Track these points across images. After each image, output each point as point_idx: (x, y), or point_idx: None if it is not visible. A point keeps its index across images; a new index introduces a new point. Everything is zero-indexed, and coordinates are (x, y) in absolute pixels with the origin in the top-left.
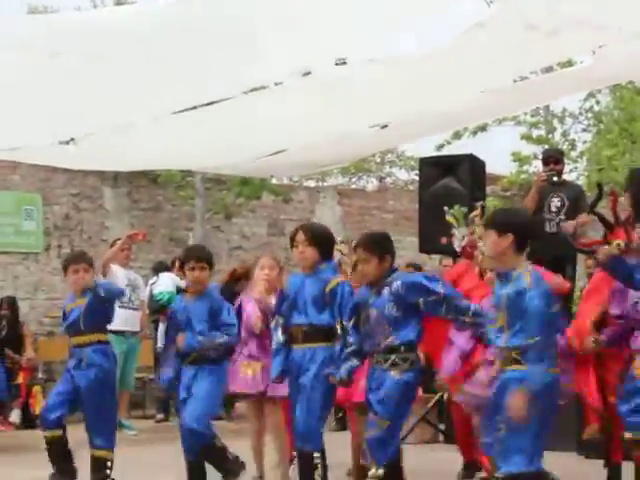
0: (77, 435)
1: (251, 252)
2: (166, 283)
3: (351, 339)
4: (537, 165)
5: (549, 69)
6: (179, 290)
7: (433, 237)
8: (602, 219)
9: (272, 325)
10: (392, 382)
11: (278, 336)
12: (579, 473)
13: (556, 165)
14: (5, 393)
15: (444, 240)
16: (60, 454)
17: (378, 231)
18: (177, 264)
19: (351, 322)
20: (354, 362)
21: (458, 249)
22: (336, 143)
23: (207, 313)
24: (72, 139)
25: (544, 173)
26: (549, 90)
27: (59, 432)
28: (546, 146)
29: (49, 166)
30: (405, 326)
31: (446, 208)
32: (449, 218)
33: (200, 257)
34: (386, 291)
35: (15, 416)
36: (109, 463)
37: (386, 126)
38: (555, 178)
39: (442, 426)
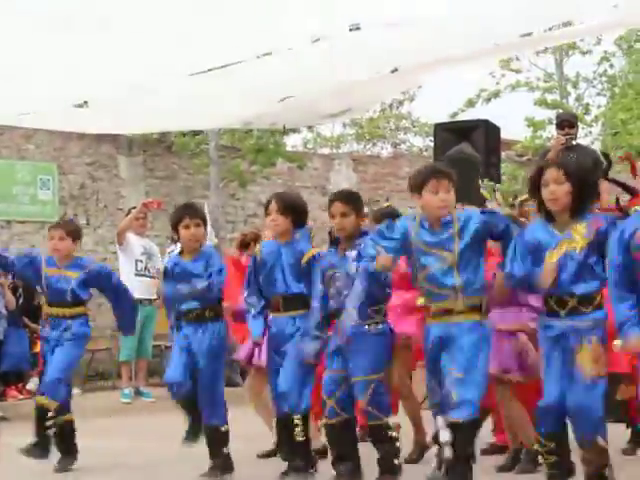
0: None
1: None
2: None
3: (316, 304)
4: (551, 130)
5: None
6: None
7: None
8: (623, 185)
9: (245, 292)
10: (373, 338)
11: (254, 301)
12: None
13: (571, 129)
14: (28, 362)
15: (459, 206)
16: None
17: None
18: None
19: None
20: (319, 341)
21: None
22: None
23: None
24: (85, 102)
25: (563, 137)
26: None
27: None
28: (560, 110)
29: (64, 135)
30: (375, 285)
31: (481, 182)
32: (483, 192)
33: (194, 214)
34: (353, 253)
35: (33, 384)
36: (50, 413)
37: (396, 70)
38: (574, 142)
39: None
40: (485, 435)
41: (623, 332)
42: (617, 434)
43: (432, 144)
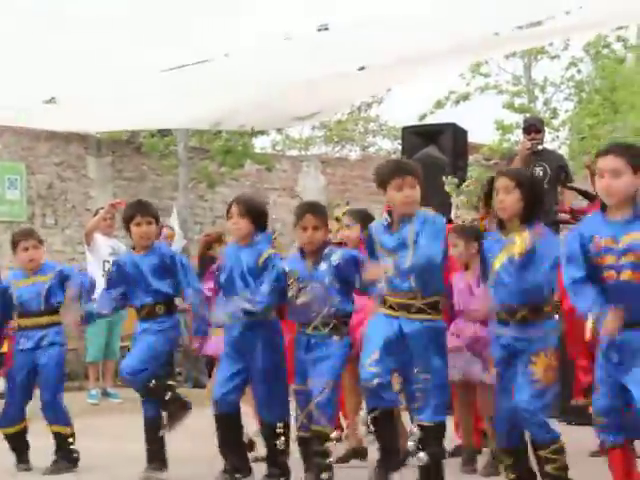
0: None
1: None
2: None
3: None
4: (519, 134)
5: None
6: None
7: None
8: (582, 192)
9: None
10: (336, 345)
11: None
12: (570, 440)
13: (537, 134)
14: None
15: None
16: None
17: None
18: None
19: (269, 287)
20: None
21: (453, 217)
22: (314, 92)
23: (157, 268)
24: (53, 98)
25: (529, 142)
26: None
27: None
28: (528, 115)
29: (32, 135)
30: (342, 297)
31: (444, 179)
32: (447, 188)
33: (145, 211)
34: (325, 264)
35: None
36: (70, 439)
37: (363, 68)
38: (540, 147)
39: None
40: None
41: (595, 316)
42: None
43: (400, 147)
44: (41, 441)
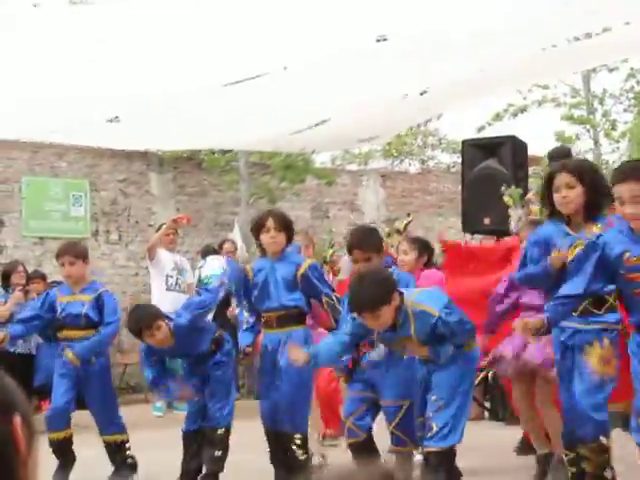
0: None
1: (296, 233)
2: (213, 266)
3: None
4: (579, 145)
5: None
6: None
7: (476, 218)
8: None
9: (237, 308)
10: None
11: (246, 317)
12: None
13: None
14: None
15: (487, 221)
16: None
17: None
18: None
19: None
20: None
21: (514, 229)
22: (375, 114)
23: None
24: (117, 117)
25: None
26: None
27: (69, 431)
28: (588, 126)
29: (95, 152)
30: None
31: (503, 188)
32: (506, 199)
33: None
34: None
35: None
36: (126, 445)
37: (425, 92)
38: None
39: (487, 403)
40: None
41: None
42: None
43: (459, 161)
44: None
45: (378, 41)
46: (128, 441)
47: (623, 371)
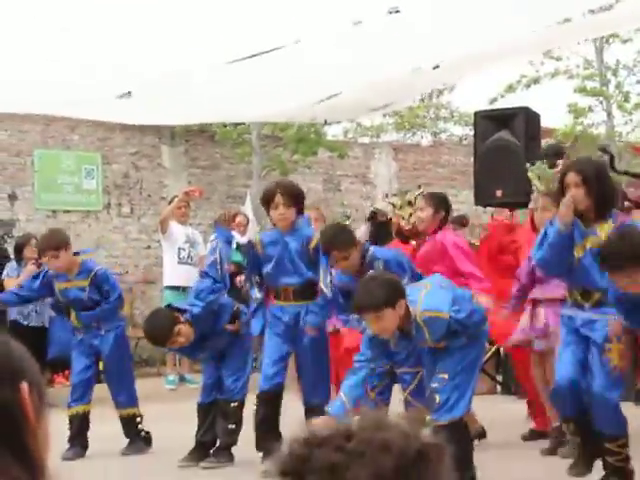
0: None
1: (307, 208)
2: None
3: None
4: (592, 117)
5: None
6: (237, 246)
7: (488, 190)
8: (637, 175)
9: (246, 284)
10: None
11: (256, 294)
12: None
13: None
14: None
15: (499, 193)
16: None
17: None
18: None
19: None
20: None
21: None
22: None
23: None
24: (129, 92)
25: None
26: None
27: (89, 406)
28: (601, 98)
29: (107, 126)
30: None
31: (528, 165)
32: (531, 175)
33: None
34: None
35: None
36: (138, 419)
37: (438, 66)
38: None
39: (499, 377)
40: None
41: None
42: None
43: (471, 133)
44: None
45: (390, 13)
46: (141, 416)
47: None
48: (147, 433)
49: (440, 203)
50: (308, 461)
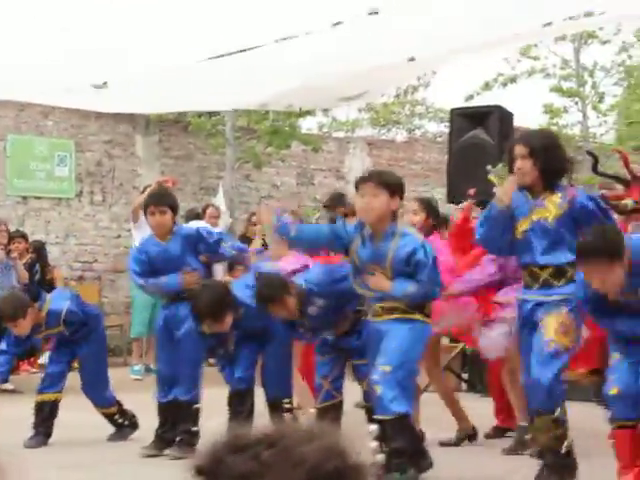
0: None
1: (280, 201)
2: None
3: None
4: (567, 118)
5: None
6: None
7: (461, 188)
8: (615, 177)
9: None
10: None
11: None
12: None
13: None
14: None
15: (471, 191)
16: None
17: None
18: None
19: None
20: None
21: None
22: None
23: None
24: (105, 83)
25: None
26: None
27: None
28: (576, 99)
29: (82, 113)
30: None
31: (489, 167)
32: (491, 177)
33: (159, 201)
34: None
35: (45, 358)
36: (117, 415)
37: (413, 59)
38: None
39: (465, 375)
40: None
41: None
42: None
43: (446, 130)
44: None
45: (370, 14)
46: (119, 411)
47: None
48: (132, 418)
49: (432, 209)
50: (224, 465)
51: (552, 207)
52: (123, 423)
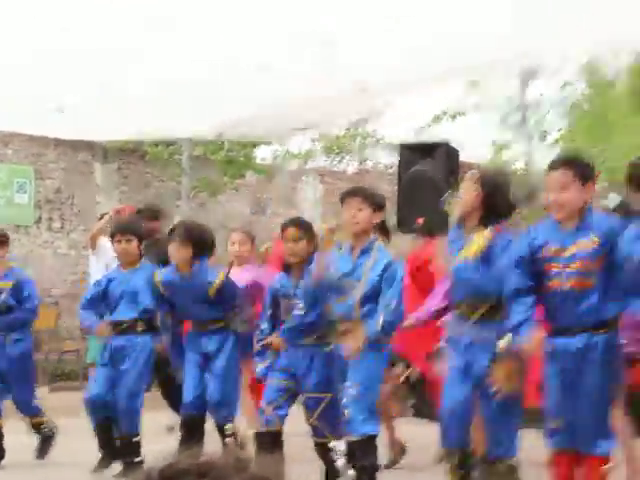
0: None
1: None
2: None
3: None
4: (513, 151)
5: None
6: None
7: (410, 218)
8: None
9: None
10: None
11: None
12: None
13: None
14: None
15: (419, 221)
16: None
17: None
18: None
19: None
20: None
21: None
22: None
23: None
24: (61, 107)
25: None
26: None
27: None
28: (522, 132)
29: (41, 141)
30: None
31: (446, 195)
32: (447, 207)
33: (125, 230)
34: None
35: None
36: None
37: (364, 89)
38: None
39: (412, 401)
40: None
41: (520, 332)
42: None
43: (397, 161)
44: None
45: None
46: (46, 422)
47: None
48: (51, 430)
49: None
50: None
51: (476, 242)
52: (46, 433)
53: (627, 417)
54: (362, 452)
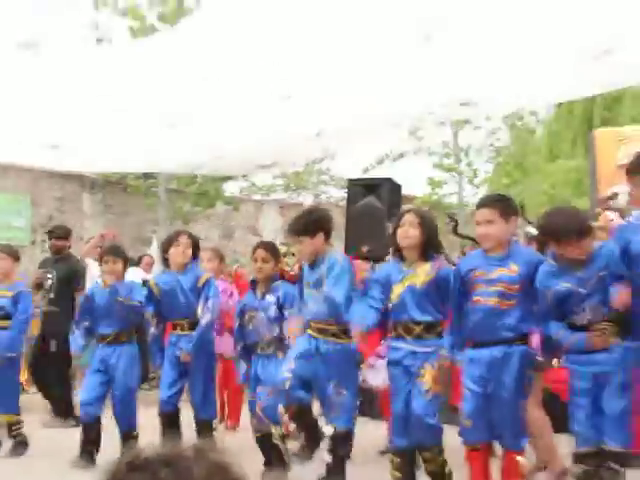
0: None
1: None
2: (133, 276)
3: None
4: (446, 189)
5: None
6: (144, 282)
7: (356, 245)
8: (471, 238)
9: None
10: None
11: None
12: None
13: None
14: None
15: (364, 249)
16: None
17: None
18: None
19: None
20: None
21: None
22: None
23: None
24: (56, 145)
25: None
26: None
27: None
28: (454, 173)
29: (36, 174)
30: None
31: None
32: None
33: (114, 253)
34: (271, 297)
35: None
36: (15, 426)
37: (319, 134)
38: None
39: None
40: None
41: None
42: None
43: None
44: None
45: (282, 99)
46: (20, 422)
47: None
48: (22, 436)
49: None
50: None
51: (422, 274)
52: (19, 436)
53: (545, 415)
54: (340, 444)
